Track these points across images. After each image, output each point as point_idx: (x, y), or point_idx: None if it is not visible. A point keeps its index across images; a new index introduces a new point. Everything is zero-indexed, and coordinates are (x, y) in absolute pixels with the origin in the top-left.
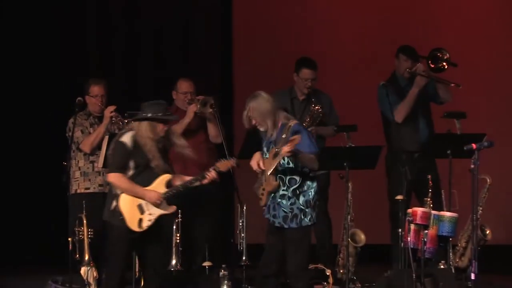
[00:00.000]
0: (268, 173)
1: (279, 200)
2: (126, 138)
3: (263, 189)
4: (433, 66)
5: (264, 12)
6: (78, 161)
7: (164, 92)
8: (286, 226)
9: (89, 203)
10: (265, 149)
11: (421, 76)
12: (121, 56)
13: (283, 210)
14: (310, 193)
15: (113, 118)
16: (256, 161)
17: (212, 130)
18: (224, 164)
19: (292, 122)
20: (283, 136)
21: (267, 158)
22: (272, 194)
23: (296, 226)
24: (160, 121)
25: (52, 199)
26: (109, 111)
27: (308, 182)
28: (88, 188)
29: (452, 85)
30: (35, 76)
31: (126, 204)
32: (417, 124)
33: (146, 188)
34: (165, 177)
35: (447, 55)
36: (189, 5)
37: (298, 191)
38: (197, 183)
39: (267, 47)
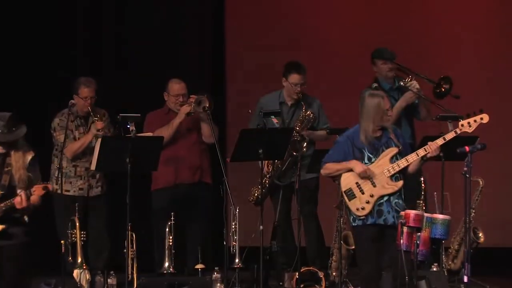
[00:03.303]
0: (388, 175)
1: (396, 200)
2: None
3: (371, 196)
4: (437, 91)
5: (256, 13)
6: (60, 160)
7: (155, 92)
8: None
9: (67, 204)
10: (366, 152)
11: (412, 93)
12: (111, 56)
13: (397, 210)
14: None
15: (100, 133)
16: (363, 168)
17: (205, 130)
18: (38, 188)
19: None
20: (391, 137)
21: (370, 162)
22: (386, 197)
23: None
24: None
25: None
26: (96, 128)
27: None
28: (68, 191)
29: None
30: (20, 72)
31: None
32: (400, 125)
33: None
34: None
35: (448, 86)
36: (182, 3)
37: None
38: (9, 205)
39: (260, 47)
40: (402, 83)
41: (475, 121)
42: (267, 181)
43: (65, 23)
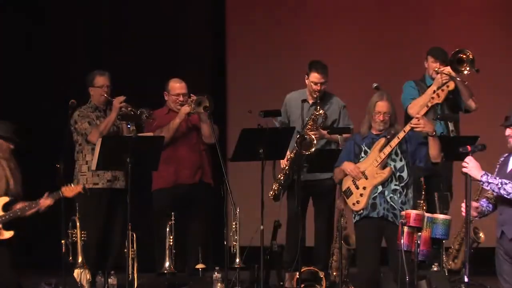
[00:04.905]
0: (377, 165)
1: (391, 195)
2: None
3: (364, 188)
4: (462, 69)
5: (258, 13)
6: (85, 155)
7: (155, 91)
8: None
9: (96, 199)
10: (364, 147)
11: (441, 75)
12: (111, 55)
13: (393, 206)
14: (410, 193)
15: (123, 109)
16: (353, 168)
17: (206, 130)
18: (70, 190)
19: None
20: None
21: (362, 159)
22: (379, 190)
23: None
24: (8, 141)
25: None
26: (119, 101)
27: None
28: (97, 184)
29: (472, 69)
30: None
31: None
32: (435, 124)
33: None
34: (2, 200)
35: (471, 55)
36: (182, 2)
37: (406, 189)
38: (33, 210)
39: (261, 47)
40: (435, 70)
41: (442, 90)
42: (282, 177)
43: (65, 23)
